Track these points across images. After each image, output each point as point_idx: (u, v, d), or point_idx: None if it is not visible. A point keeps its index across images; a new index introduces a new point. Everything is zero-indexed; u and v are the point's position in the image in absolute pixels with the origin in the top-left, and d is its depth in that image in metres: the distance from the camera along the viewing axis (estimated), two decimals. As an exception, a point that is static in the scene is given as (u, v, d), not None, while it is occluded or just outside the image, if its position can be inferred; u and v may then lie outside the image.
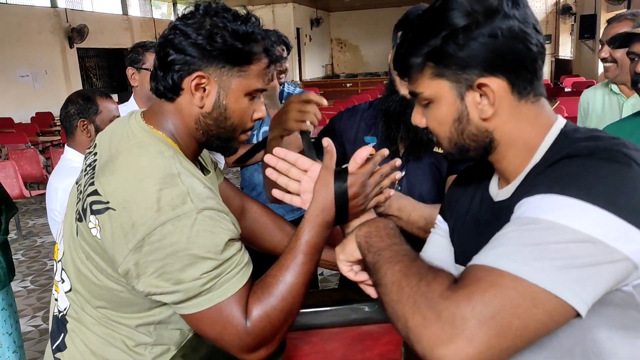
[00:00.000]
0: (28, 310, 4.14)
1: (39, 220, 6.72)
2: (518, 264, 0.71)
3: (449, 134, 0.93)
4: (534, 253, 0.71)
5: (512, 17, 0.85)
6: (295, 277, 1.03)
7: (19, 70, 12.12)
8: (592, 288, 0.71)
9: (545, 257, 0.71)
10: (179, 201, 0.96)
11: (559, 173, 0.78)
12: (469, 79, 0.87)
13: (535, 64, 0.88)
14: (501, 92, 0.87)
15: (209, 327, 1.00)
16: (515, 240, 0.74)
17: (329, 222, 1.07)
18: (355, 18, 23.45)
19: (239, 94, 1.09)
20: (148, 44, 2.58)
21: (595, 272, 0.71)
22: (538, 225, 0.73)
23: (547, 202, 0.75)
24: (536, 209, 0.75)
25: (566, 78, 12.41)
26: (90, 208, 1.01)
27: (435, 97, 0.91)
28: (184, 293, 0.97)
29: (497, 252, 0.74)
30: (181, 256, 0.95)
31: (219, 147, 1.15)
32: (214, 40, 1.04)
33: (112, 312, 1.08)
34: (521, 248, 0.72)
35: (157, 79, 1.09)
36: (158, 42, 1.10)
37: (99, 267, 1.03)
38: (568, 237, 0.71)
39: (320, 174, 1.09)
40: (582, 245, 0.70)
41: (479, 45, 0.85)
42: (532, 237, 0.73)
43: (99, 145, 1.13)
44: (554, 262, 0.70)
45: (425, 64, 0.90)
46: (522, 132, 0.90)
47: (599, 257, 0.71)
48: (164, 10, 20.51)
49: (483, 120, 0.90)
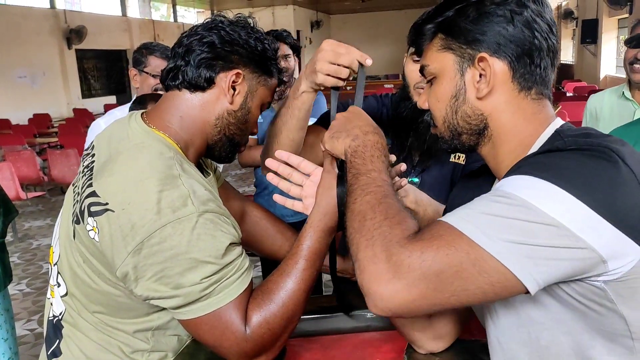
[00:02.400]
0: (24, 314, 4.10)
1: (35, 222, 6.69)
2: (478, 230, 0.73)
3: (444, 112, 0.94)
4: (496, 224, 0.73)
5: (526, 7, 0.86)
6: (297, 283, 1.01)
7: (16, 71, 12.11)
8: (545, 268, 0.72)
9: (506, 230, 0.72)
10: (180, 203, 0.95)
11: (542, 160, 0.79)
12: (472, 54, 0.89)
13: (541, 58, 0.87)
14: (500, 74, 0.88)
15: (207, 333, 0.98)
16: (483, 208, 0.76)
17: (332, 227, 1.06)
18: (355, 21, 23.53)
19: (259, 101, 1.15)
20: (153, 46, 2.57)
21: (552, 253, 0.72)
22: (508, 199, 0.75)
23: (524, 181, 0.76)
24: (511, 185, 0.77)
25: (568, 83, 12.45)
26: (88, 210, 0.98)
27: (439, 72, 0.93)
28: (183, 298, 0.95)
29: (464, 214, 0.77)
30: (181, 260, 0.93)
31: (223, 152, 1.16)
32: (258, 45, 1.12)
33: (109, 317, 1.06)
34: (486, 217, 0.75)
35: (181, 69, 1.09)
36: (197, 29, 1.11)
37: (97, 270, 1.01)
38: (533, 217, 0.72)
39: (322, 178, 1.08)
40: (545, 227, 0.72)
41: (489, 22, 0.87)
42: (500, 209, 0.74)
43: (97, 147, 1.12)
44: (512, 237, 0.72)
45: (435, 34, 0.93)
46: (517, 126, 0.89)
47: (559, 240, 0.72)
48: (163, 12, 20.55)
49: (479, 100, 0.90)
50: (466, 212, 0.77)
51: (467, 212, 0.77)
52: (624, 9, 10.39)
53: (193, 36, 1.10)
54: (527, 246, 0.72)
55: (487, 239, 0.73)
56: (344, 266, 1.43)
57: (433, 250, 0.74)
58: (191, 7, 21.60)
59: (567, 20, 15.94)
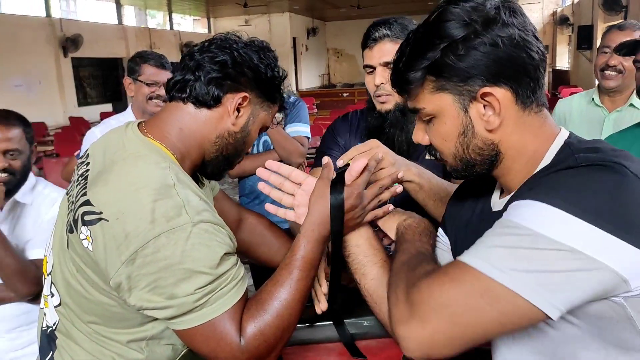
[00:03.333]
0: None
1: (32, 230, 6.64)
2: (487, 263, 0.75)
3: (454, 150, 0.91)
4: (505, 255, 0.74)
5: (511, 26, 0.84)
6: (291, 293, 1.01)
7: (12, 80, 12.07)
8: (562, 294, 0.72)
9: (515, 260, 0.73)
10: (174, 213, 0.94)
11: (552, 182, 0.79)
12: (472, 90, 0.85)
13: (537, 71, 0.86)
14: (506, 101, 0.85)
15: (202, 343, 0.98)
16: (493, 242, 0.78)
17: (325, 236, 1.06)
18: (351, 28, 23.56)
19: (259, 125, 1.17)
20: (147, 54, 2.57)
21: (568, 278, 0.72)
22: (516, 230, 0.75)
23: (531, 209, 0.76)
24: (519, 214, 0.77)
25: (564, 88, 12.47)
26: (82, 219, 0.98)
27: (438, 112, 0.90)
28: (176, 308, 0.95)
29: (474, 251, 0.79)
30: (175, 270, 0.93)
31: (216, 169, 1.17)
32: (268, 71, 1.13)
33: (103, 328, 1.05)
34: (495, 249, 0.76)
35: (189, 82, 1.09)
36: (210, 47, 1.12)
37: (90, 280, 1.00)
38: (544, 245, 0.72)
39: (316, 186, 1.08)
40: (557, 252, 0.72)
41: (480, 54, 0.83)
42: (508, 241, 0.75)
43: (91, 156, 1.11)
44: (523, 266, 0.73)
45: (425, 79, 0.88)
46: (526, 143, 0.88)
47: (574, 264, 0.71)
48: (159, 20, 20.57)
49: (489, 132, 0.88)
50: (476, 249, 0.79)
51: (477, 248, 0.79)
52: (619, 14, 10.44)
53: (206, 52, 1.11)
54: (540, 274, 0.72)
55: (496, 270, 0.74)
56: None
57: (439, 284, 0.78)
58: (187, 15, 21.63)
59: (563, 26, 15.99)
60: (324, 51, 25.64)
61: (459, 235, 1.07)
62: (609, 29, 2.44)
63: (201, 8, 19.82)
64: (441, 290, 0.78)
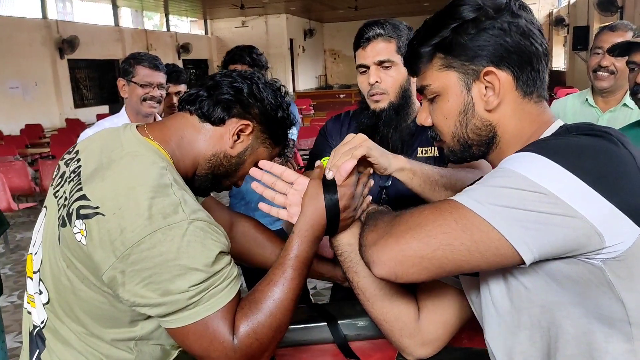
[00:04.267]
0: (15, 326, 4.05)
1: (27, 234, 6.63)
2: (468, 197, 0.81)
3: (453, 128, 0.96)
4: (486, 192, 0.80)
5: (519, 16, 0.90)
6: (284, 292, 1.01)
7: (8, 82, 12.06)
8: (535, 232, 0.75)
9: (495, 197, 0.78)
10: (171, 210, 0.95)
11: (540, 141, 0.85)
12: (476, 69, 0.91)
13: (540, 64, 0.92)
14: (506, 84, 0.91)
15: (195, 342, 0.98)
16: (479, 182, 0.83)
17: (318, 236, 1.08)
18: (348, 29, 23.56)
19: (255, 159, 1.19)
20: (140, 56, 2.57)
21: (542, 219, 0.75)
22: (502, 172, 0.81)
23: (517, 156, 0.82)
24: (506, 161, 0.83)
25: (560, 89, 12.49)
26: (77, 212, 0.98)
27: (443, 90, 0.95)
28: (169, 306, 0.95)
29: (462, 191, 0.84)
30: (170, 266, 0.93)
31: (203, 185, 1.18)
32: (279, 112, 1.17)
33: (92, 327, 1.05)
34: (479, 187, 0.82)
35: (201, 97, 1.14)
36: (233, 73, 1.17)
37: (81, 275, 1.00)
38: (523, 186, 0.76)
39: (309, 187, 1.09)
40: (535, 194, 0.76)
41: (488, 36, 0.90)
42: (493, 181, 0.81)
43: (83, 152, 1.12)
44: (502, 202, 0.77)
45: (434, 55, 0.95)
46: (523, 129, 0.93)
47: (549, 208, 0.75)
48: (156, 22, 20.57)
49: (488, 112, 0.93)
50: (464, 189, 0.84)
51: (465, 189, 0.84)
52: (615, 15, 10.47)
53: (227, 77, 1.16)
54: (516, 210, 0.76)
55: (475, 202, 0.79)
56: (334, 273, 1.43)
57: (419, 211, 0.86)
58: (184, 17, 21.63)
59: (559, 27, 16.03)
60: (320, 52, 25.66)
61: None
62: (601, 30, 2.45)
63: (198, 10, 19.83)
64: (420, 214, 0.84)
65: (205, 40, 21.25)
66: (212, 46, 21.37)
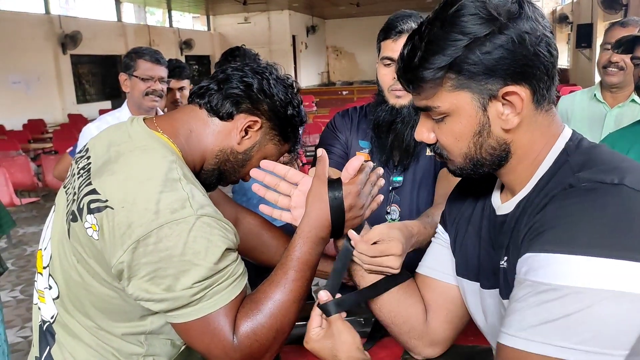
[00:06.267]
0: (17, 321, 4.07)
1: (30, 228, 6.65)
2: (545, 345, 0.70)
3: (466, 149, 0.88)
4: (558, 329, 0.70)
5: (533, 19, 0.81)
6: (286, 294, 1.00)
7: (11, 77, 12.07)
8: (621, 337, 0.68)
9: (570, 331, 0.69)
10: (178, 205, 0.95)
11: (562, 220, 0.74)
12: (493, 88, 0.81)
13: (554, 69, 0.84)
14: (526, 100, 0.82)
15: (197, 339, 0.98)
16: (537, 313, 0.72)
17: (323, 237, 1.05)
18: (351, 25, 23.58)
19: (263, 155, 1.17)
20: (142, 50, 2.57)
21: (621, 321, 0.68)
22: (556, 292, 0.71)
23: (558, 263, 0.71)
24: (548, 273, 0.72)
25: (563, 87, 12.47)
26: (87, 207, 0.98)
27: (454, 111, 0.85)
28: (173, 302, 0.95)
29: (521, 327, 0.73)
30: (176, 261, 0.93)
31: (208, 180, 1.17)
32: (289, 109, 1.15)
33: (103, 321, 1.05)
34: (545, 325, 0.71)
35: (211, 91, 1.13)
36: (245, 68, 1.16)
37: (92, 270, 1.00)
38: (588, 301, 0.68)
39: (313, 186, 1.05)
40: (606, 302, 0.67)
41: (505, 52, 0.79)
42: (553, 308, 0.71)
43: (92, 149, 1.12)
44: (581, 336, 0.68)
45: (444, 77, 0.83)
46: (535, 144, 0.86)
47: (626, 307, 0.67)
48: (159, 17, 20.54)
49: (505, 132, 0.85)
50: (522, 324, 0.74)
51: (523, 323, 0.74)
52: (619, 13, 10.43)
53: (238, 71, 1.14)
54: (601, 337, 0.68)
55: (556, 350, 0.70)
56: (326, 268, 1.40)
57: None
58: (186, 12, 21.61)
59: (562, 24, 16.01)
60: (323, 49, 25.62)
61: (459, 233, 1.06)
62: (611, 26, 2.43)
63: (200, 5, 19.81)
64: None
65: (207, 36, 21.25)
66: (214, 42, 21.36)
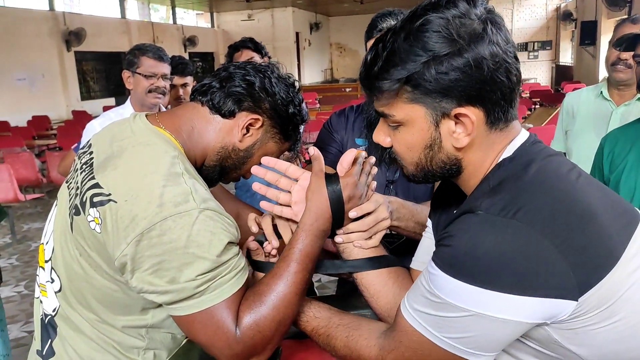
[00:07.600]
0: (21, 316, 4.09)
1: (34, 224, 6.68)
2: (423, 328, 0.86)
3: (417, 160, 0.92)
4: (435, 322, 0.84)
5: (496, 44, 0.82)
6: (288, 286, 1.02)
7: (15, 74, 12.10)
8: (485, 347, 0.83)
9: (443, 328, 0.84)
10: (182, 199, 0.96)
11: (453, 245, 0.81)
12: (447, 107, 0.84)
13: (513, 93, 0.85)
14: (478, 122, 0.85)
15: (199, 331, 0.99)
16: (423, 303, 0.86)
17: (324, 230, 1.07)
18: (354, 23, 23.50)
19: (264, 153, 1.19)
20: (145, 47, 2.57)
21: (487, 336, 0.81)
22: (437, 298, 0.83)
23: (440, 278, 0.82)
24: (433, 280, 0.84)
25: (567, 84, 12.43)
26: (90, 200, 0.99)
27: (408, 121, 0.88)
28: (176, 294, 0.96)
29: (411, 305, 0.88)
30: (179, 254, 0.94)
31: (209, 176, 1.19)
32: (290, 108, 1.18)
33: (104, 314, 1.06)
34: (422, 313, 0.86)
35: (213, 89, 1.14)
36: (247, 66, 1.18)
37: (94, 264, 1.01)
38: (458, 313, 0.81)
39: (311, 182, 1.08)
40: (471, 318, 0.80)
41: (461, 74, 0.81)
42: (432, 307, 0.84)
43: (95, 145, 1.13)
44: (451, 334, 0.83)
45: (401, 89, 0.85)
46: (486, 159, 0.90)
47: (487, 326, 0.79)
48: (163, 14, 20.55)
49: (456, 149, 0.88)
50: (412, 303, 0.88)
51: (414, 302, 0.88)
52: (623, 10, 10.40)
53: (240, 69, 1.16)
54: (464, 339, 0.82)
55: (431, 336, 0.85)
56: None
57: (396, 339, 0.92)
58: (190, 9, 21.60)
59: (566, 21, 15.96)
60: (326, 46, 25.59)
61: (440, 225, 1.09)
62: (622, 22, 2.41)
63: (204, 2, 19.81)
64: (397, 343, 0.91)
65: (211, 33, 21.24)
66: (218, 39, 21.36)
